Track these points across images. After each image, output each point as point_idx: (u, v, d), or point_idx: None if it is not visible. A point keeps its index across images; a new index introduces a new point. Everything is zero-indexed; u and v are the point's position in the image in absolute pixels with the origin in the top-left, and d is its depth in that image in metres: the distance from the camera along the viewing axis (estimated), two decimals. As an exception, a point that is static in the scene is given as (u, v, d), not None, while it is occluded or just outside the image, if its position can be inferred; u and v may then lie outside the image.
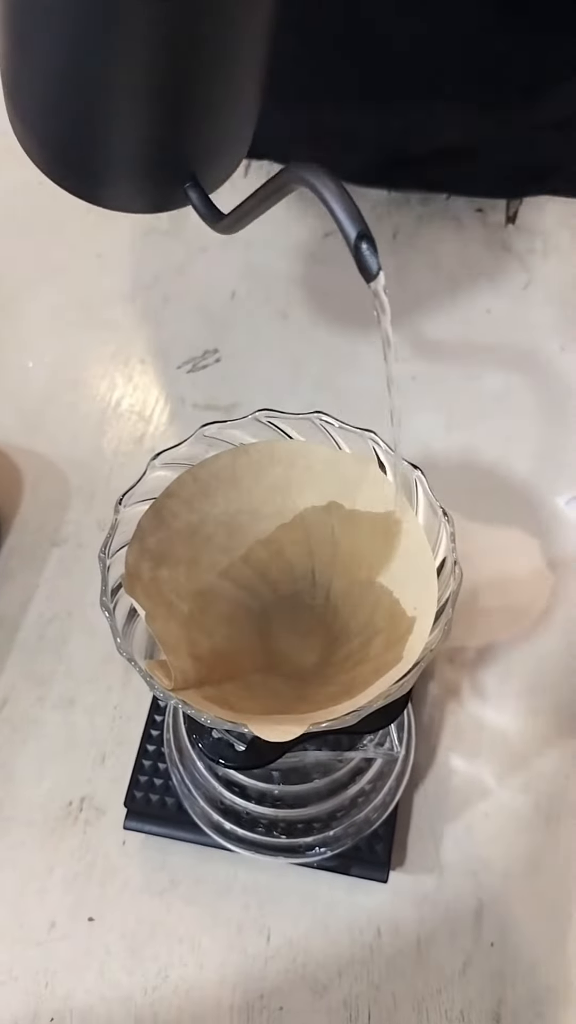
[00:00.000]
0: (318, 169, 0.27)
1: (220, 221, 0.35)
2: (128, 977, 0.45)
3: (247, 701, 0.31)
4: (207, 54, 0.32)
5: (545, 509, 0.57)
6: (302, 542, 0.36)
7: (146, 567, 0.32)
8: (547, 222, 0.69)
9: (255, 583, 0.36)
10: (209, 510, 0.34)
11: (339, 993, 0.44)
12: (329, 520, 0.35)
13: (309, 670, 0.36)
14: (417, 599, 0.32)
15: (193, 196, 0.37)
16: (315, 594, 0.37)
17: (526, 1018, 0.44)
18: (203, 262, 0.68)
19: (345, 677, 0.33)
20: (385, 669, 0.31)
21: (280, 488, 0.35)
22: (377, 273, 0.27)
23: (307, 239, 0.68)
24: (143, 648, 0.31)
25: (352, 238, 0.26)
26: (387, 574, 0.34)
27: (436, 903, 0.46)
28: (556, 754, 0.49)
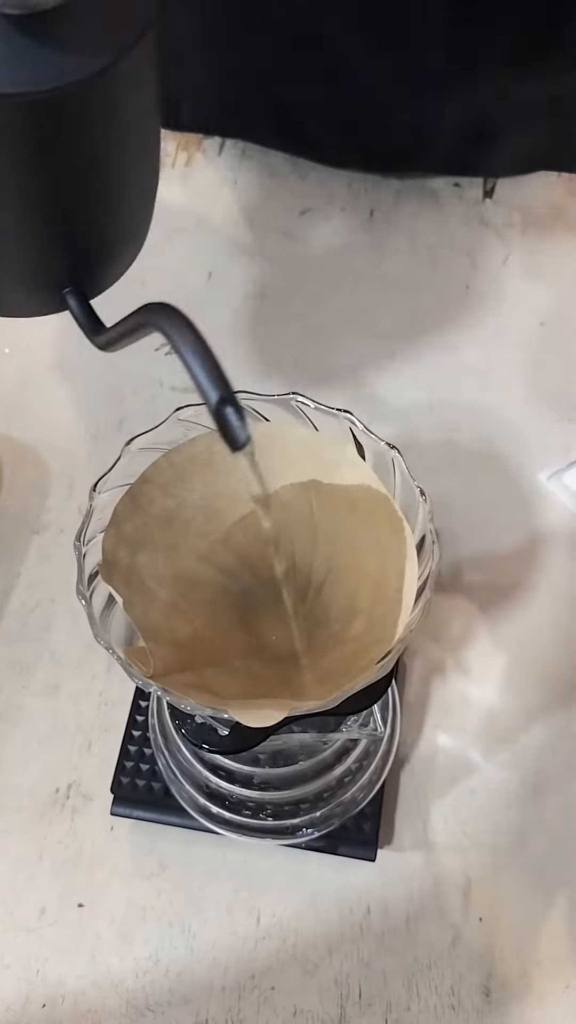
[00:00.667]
0: (177, 318, 0.23)
1: (98, 335, 0.33)
2: (119, 961, 0.45)
3: (229, 686, 0.31)
4: (75, 163, 0.30)
5: (527, 485, 0.57)
6: (281, 525, 0.36)
7: (123, 553, 0.32)
8: (525, 196, 0.68)
9: (236, 567, 0.36)
10: (186, 495, 0.34)
11: (330, 972, 0.45)
12: (307, 502, 0.35)
13: (291, 653, 0.35)
14: (396, 579, 0.32)
15: (72, 303, 0.34)
16: (296, 576, 0.37)
17: (516, 991, 0.44)
18: (179, 243, 0.67)
19: (327, 659, 0.32)
20: (366, 651, 0.31)
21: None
22: (246, 443, 0.23)
23: (283, 218, 0.67)
24: (122, 636, 0.30)
25: (213, 403, 0.23)
26: (366, 555, 0.34)
27: (424, 880, 0.46)
28: (541, 728, 0.50)
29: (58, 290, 0.33)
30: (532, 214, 0.67)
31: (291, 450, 0.35)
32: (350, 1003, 0.44)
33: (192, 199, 0.68)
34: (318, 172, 0.69)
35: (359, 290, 0.64)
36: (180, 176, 0.69)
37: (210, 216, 0.68)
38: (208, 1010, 0.44)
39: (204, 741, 0.34)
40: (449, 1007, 0.44)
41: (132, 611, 0.30)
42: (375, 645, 0.30)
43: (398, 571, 0.32)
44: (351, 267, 0.65)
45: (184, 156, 0.70)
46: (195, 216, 0.68)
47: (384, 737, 0.44)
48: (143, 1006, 0.44)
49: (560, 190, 0.68)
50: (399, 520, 0.32)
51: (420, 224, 0.67)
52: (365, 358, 0.61)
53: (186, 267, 0.66)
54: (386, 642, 0.30)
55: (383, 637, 0.31)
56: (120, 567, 0.31)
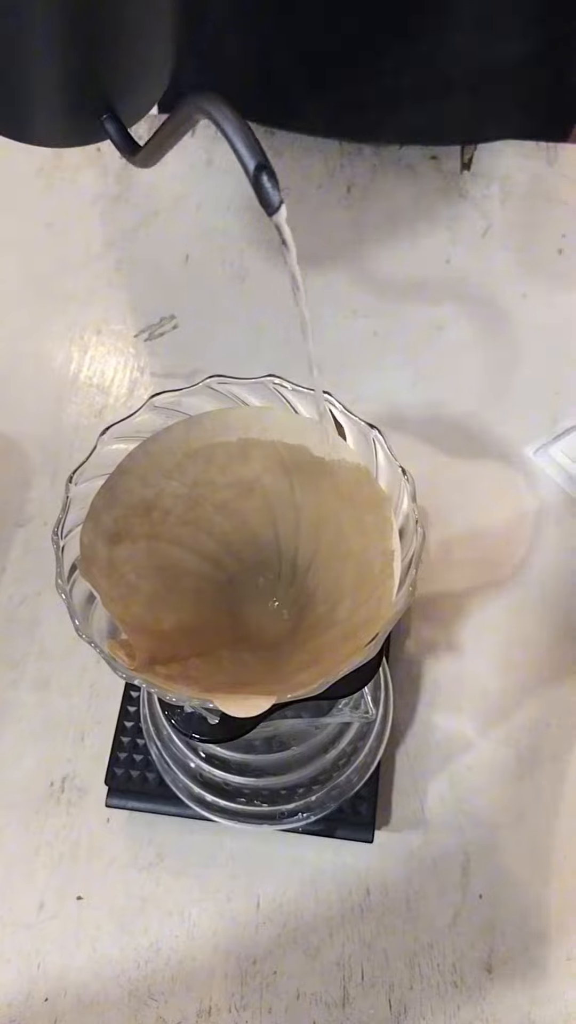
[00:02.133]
0: (217, 98, 0.25)
1: (136, 154, 0.35)
2: (120, 952, 0.45)
3: (215, 675, 0.31)
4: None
5: (515, 460, 0.56)
6: (264, 510, 0.35)
7: (102, 546, 0.31)
8: (503, 167, 0.67)
9: (220, 555, 0.36)
10: (164, 485, 0.33)
11: (332, 954, 0.45)
12: (289, 486, 0.35)
13: (279, 639, 0.35)
14: (381, 560, 0.31)
15: (110, 129, 0.36)
16: (281, 562, 0.36)
17: (518, 966, 0.44)
18: (155, 226, 0.66)
19: (313, 643, 0.32)
20: (353, 633, 0.30)
21: (236, 456, 0.34)
22: (279, 206, 0.26)
23: (260, 197, 0.66)
24: (105, 629, 0.30)
25: (251, 169, 0.25)
26: (351, 537, 0.33)
27: (423, 859, 0.46)
28: (535, 704, 0.49)
29: (96, 117, 0.36)
30: (511, 185, 0.66)
31: (270, 432, 0.34)
32: (353, 984, 0.44)
33: (166, 181, 0.67)
34: (293, 150, 0.68)
35: (338, 268, 0.64)
36: (153, 158, 0.68)
37: (185, 198, 0.67)
38: (211, 997, 0.44)
39: (194, 731, 0.34)
40: (452, 984, 0.44)
41: (113, 606, 0.30)
42: (363, 627, 0.30)
43: (382, 551, 0.32)
44: (329, 245, 0.64)
45: (157, 138, 0.69)
46: (170, 199, 0.67)
47: (376, 719, 0.44)
48: (146, 996, 0.44)
49: (539, 160, 0.67)
50: (382, 500, 0.32)
51: (398, 199, 0.66)
52: (347, 337, 0.61)
53: (162, 251, 0.65)
54: (373, 623, 0.30)
55: (370, 618, 0.30)
56: (99, 560, 0.31)
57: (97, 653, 0.28)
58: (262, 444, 0.34)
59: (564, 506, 0.54)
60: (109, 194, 0.67)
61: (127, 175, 0.68)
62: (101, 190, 0.67)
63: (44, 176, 0.68)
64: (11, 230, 0.66)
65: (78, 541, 0.30)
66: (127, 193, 0.67)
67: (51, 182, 0.68)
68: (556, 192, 0.66)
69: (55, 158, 0.68)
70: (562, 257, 0.63)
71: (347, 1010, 0.43)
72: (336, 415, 0.33)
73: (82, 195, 0.67)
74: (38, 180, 0.68)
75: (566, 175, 0.66)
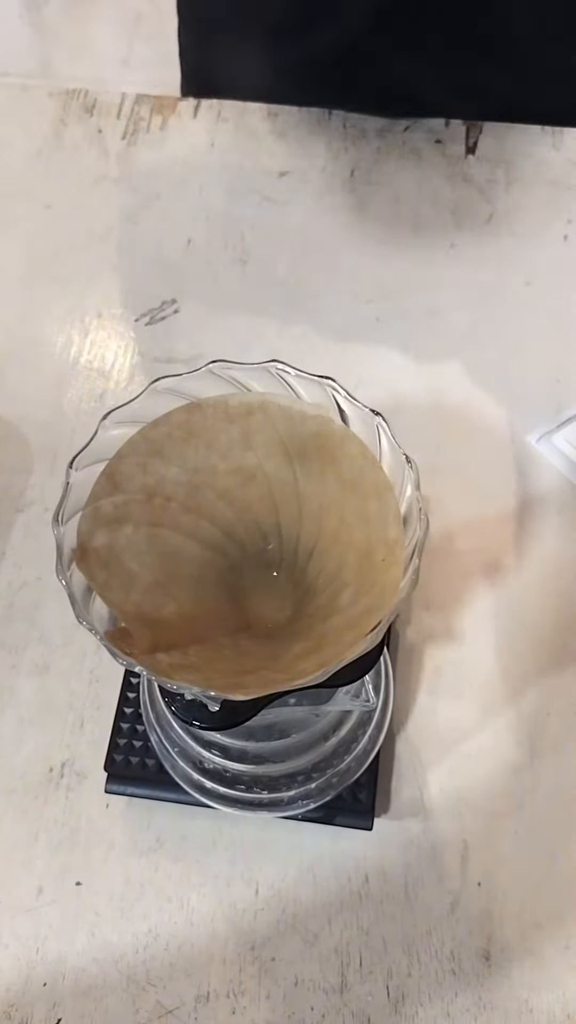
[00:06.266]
0: None
1: None
2: (119, 938, 0.45)
3: (216, 663, 0.30)
4: None
5: (516, 448, 0.56)
6: (266, 497, 0.35)
7: (101, 535, 0.31)
8: (508, 151, 0.67)
9: (222, 542, 0.35)
10: (165, 471, 0.33)
11: (330, 940, 0.45)
12: (291, 473, 0.34)
13: (279, 625, 0.35)
14: (384, 548, 0.31)
15: None
16: (283, 549, 0.36)
17: (515, 955, 0.44)
18: (156, 209, 0.65)
19: (315, 632, 0.32)
20: (355, 621, 0.30)
21: (238, 443, 0.34)
22: None
23: (262, 180, 0.66)
24: (106, 615, 0.30)
25: None
26: (353, 525, 0.33)
27: (422, 847, 0.46)
28: (535, 692, 0.49)
29: None
30: (516, 170, 0.66)
31: (273, 418, 0.34)
32: (351, 971, 0.44)
33: (168, 164, 0.67)
34: (297, 132, 0.68)
35: (341, 253, 0.63)
36: (155, 140, 0.68)
37: (187, 181, 0.66)
38: (209, 982, 0.44)
39: (194, 718, 0.34)
40: (450, 972, 0.44)
41: (111, 595, 0.29)
42: (365, 615, 0.30)
43: (385, 540, 0.31)
44: (333, 230, 0.64)
45: (159, 119, 0.68)
46: (171, 181, 0.66)
47: (376, 707, 0.44)
48: (144, 981, 0.44)
49: (544, 144, 0.67)
50: (386, 487, 0.31)
51: (402, 183, 0.66)
52: (349, 322, 0.60)
53: (164, 234, 0.64)
54: (376, 612, 0.30)
55: (372, 607, 0.30)
56: (98, 549, 0.30)
57: (97, 640, 0.28)
58: (264, 430, 0.34)
59: (566, 494, 0.54)
60: (110, 176, 0.66)
61: (128, 157, 0.67)
62: (102, 172, 0.66)
63: (44, 157, 0.67)
64: (10, 212, 0.66)
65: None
66: (128, 175, 0.66)
67: (51, 163, 0.67)
68: (562, 177, 0.65)
69: (55, 139, 0.68)
70: (567, 243, 0.63)
71: (345, 996, 0.43)
72: (340, 402, 0.33)
73: (83, 177, 0.66)
74: (38, 161, 0.67)
75: (572, 160, 0.66)
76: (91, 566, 0.30)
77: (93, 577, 0.29)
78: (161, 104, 0.69)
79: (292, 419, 0.34)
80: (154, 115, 0.69)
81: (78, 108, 0.69)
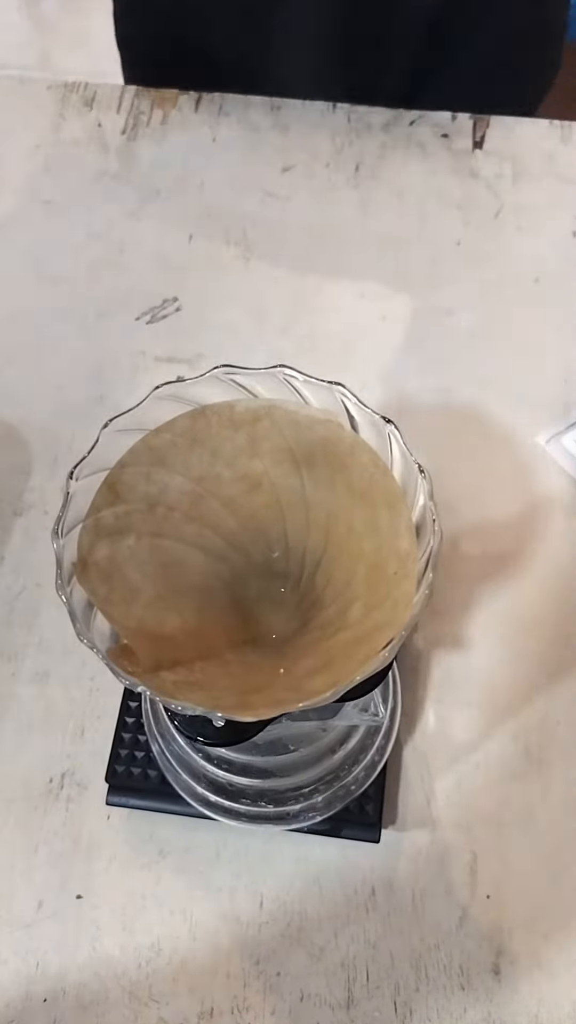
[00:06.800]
0: None
1: None
2: (121, 952, 0.44)
3: (222, 679, 0.29)
4: None
5: (524, 449, 0.55)
6: (272, 505, 0.34)
7: (102, 547, 0.30)
8: (516, 145, 0.65)
9: (226, 551, 0.34)
10: (168, 480, 0.32)
11: (336, 955, 0.44)
12: (299, 480, 0.33)
13: (287, 639, 0.34)
14: (395, 561, 0.30)
15: None
16: (289, 559, 0.35)
17: (525, 969, 0.43)
18: (157, 205, 0.64)
19: (324, 647, 0.31)
20: (366, 638, 0.29)
21: (244, 450, 0.33)
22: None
23: (265, 175, 0.65)
24: (107, 631, 0.29)
25: None
26: (363, 536, 0.32)
27: (430, 858, 0.45)
28: (545, 699, 0.48)
29: None
30: (524, 164, 0.65)
31: (280, 425, 0.33)
32: (357, 986, 0.43)
33: (169, 159, 0.65)
34: (300, 126, 0.66)
35: (346, 250, 0.62)
36: (156, 135, 0.66)
37: (188, 176, 0.65)
38: (213, 998, 0.43)
39: (199, 733, 0.33)
40: (458, 987, 0.43)
41: (113, 610, 0.28)
42: (376, 631, 0.29)
43: (396, 552, 0.30)
44: (337, 226, 0.63)
45: (159, 114, 0.67)
46: (173, 177, 0.65)
47: (384, 722, 0.43)
48: (147, 997, 0.43)
49: (552, 139, 0.65)
50: (397, 497, 0.30)
51: (408, 178, 0.64)
52: (354, 321, 0.59)
53: (165, 230, 0.63)
54: (388, 628, 0.29)
55: (384, 622, 0.29)
56: (99, 562, 0.29)
57: (99, 659, 0.27)
58: (271, 437, 0.33)
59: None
60: (110, 171, 0.65)
61: (128, 152, 0.66)
62: (102, 167, 0.65)
63: (42, 153, 0.66)
64: (9, 208, 0.65)
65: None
66: (128, 171, 0.65)
67: (50, 159, 0.66)
68: (570, 172, 0.64)
69: (53, 133, 0.67)
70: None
71: (352, 1012, 0.43)
72: (349, 407, 0.32)
73: (82, 172, 0.65)
74: (36, 156, 0.66)
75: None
76: (92, 580, 0.29)
77: (94, 592, 0.28)
78: (162, 98, 0.68)
79: (300, 425, 0.32)
80: (155, 109, 0.67)
81: (77, 102, 0.68)
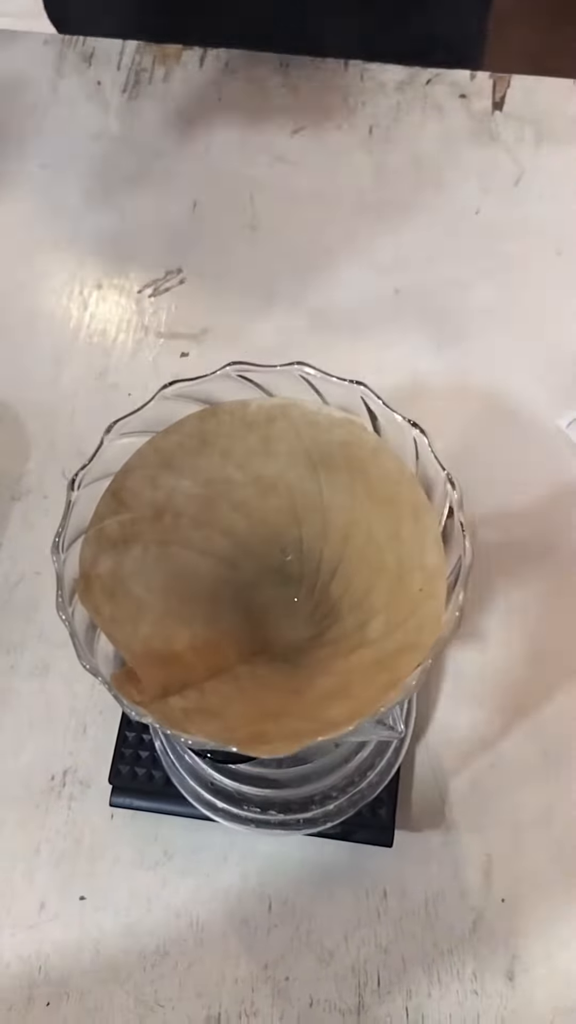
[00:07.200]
0: None
1: None
2: (125, 956, 0.43)
3: (235, 703, 0.27)
4: None
5: (545, 433, 0.52)
6: (287, 509, 0.32)
7: (106, 559, 0.28)
8: (539, 107, 0.62)
9: (237, 556, 0.32)
10: (176, 484, 0.30)
11: (347, 959, 0.43)
12: (316, 484, 0.31)
13: (301, 649, 0.32)
14: (420, 576, 0.28)
15: None
16: (304, 564, 0.33)
17: (540, 975, 0.42)
18: (160, 170, 0.61)
19: (342, 665, 0.29)
20: (388, 661, 0.27)
21: (257, 451, 0.31)
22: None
23: (274, 138, 0.61)
24: (111, 654, 0.27)
25: None
26: (384, 545, 0.30)
27: (443, 861, 0.44)
28: (563, 697, 0.47)
29: None
30: (547, 127, 0.61)
31: (297, 425, 0.30)
32: (368, 991, 0.42)
33: (172, 119, 0.62)
34: (310, 86, 0.63)
35: (358, 218, 0.59)
36: (158, 93, 0.63)
37: (192, 138, 0.61)
38: (220, 1003, 0.42)
39: (208, 750, 0.31)
40: (471, 992, 0.42)
41: (118, 630, 0.26)
42: (399, 655, 0.27)
43: (421, 566, 0.28)
44: (349, 192, 0.60)
45: (161, 70, 0.64)
46: (175, 139, 0.61)
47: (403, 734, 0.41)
48: (152, 1001, 0.42)
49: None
50: (424, 508, 0.28)
51: (424, 142, 0.61)
52: (366, 295, 0.56)
53: (167, 197, 0.60)
54: (412, 652, 0.27)
55: (408, 645, 0.27)
56: (102, 576, 0.27)
57: (104, 688, 0.25)
58: (287, 438, 0.30)
59: (598, 484, 0.51)
60: (109, 132, 0.62)
61: (130, 112, 0.62)
62: (101, 128, 0.62)
63: (39, 112, 0.63)
64: (2, 171, 0.61)
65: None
66: (130, 132, 0.62)
67: (46, 119, 0.62)
68: (596, 136, 0.61)
69: (50, 92, 0.63)
70: (601, 209, 0.59)
71: (362, 1018, 0.42)
72: (372, 407, 0.29)
73: (80, 134, 0.62)
74: (32, 116, 0.63)
75: (606, 117, 0.61)
76: (96, 597, 0.27)
77: (98, 611, 0.26)
78: (164, 54, 0.64)
79: (318, 426, 0.30)
80: (156, 66, 0.64)
81: (75, 57, 0.64)
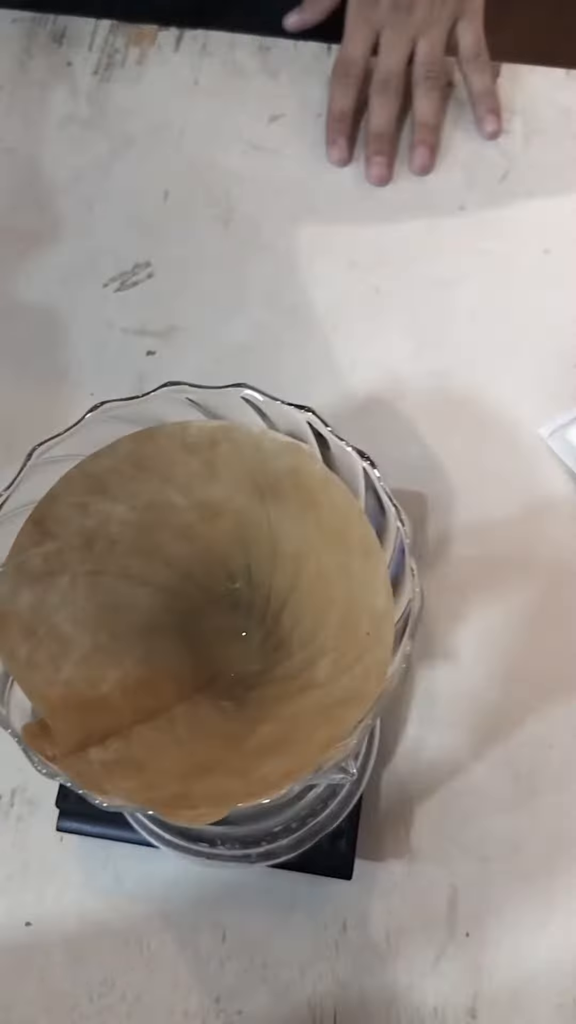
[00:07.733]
0: None
1: None
2: (71, 985, 0.41)
3: (162, 754, 0.25)
4: None
5: (525, 443, 0.50)
6: (233, 535, 0.30)
7: (26, 595, 0.25)
8: (527, 98, 0.59)
9: (180, 584, 0.30)
10: (109, 510, 0.27)
11: (302, 993, 0.41)
12: (264, 511, 0.29)
13: (248, 684, 0.30)
14: (368, 619, 0.26)
15: None
16: (253, 592, 0.31)
17: (504, 1013, 0.41)
18: (130, 157, 0.58)
19: (287, 710, 0.27)
20: (330, 712, 0.25)
21: (201, 476, 0.28)
22: None
23: (251, 125, 0.59)
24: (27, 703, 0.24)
25: None
26: (334, 580, 0.28)
27: (406, 892, 0.42)
28: (537, 722, 0.45)
29: None
30: (535, 120, 0.59)
31: (242, 449, 0.28)
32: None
33: (145, 104, 0.59)
34: (291, 70, 0.60)
35: (337, 213, 0.56)
36: (131, 76, 0.60)
37: (166, 124, 0.59)
38: (169, 1038, 0.40)
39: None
40: (432, 1031, 0.40)
41: (35, 675, 0.24)
42: (341, 706, 0.25)
43: (370, 607, 0.26)
44: (328, 185, 0.57)
45: (136, 52, 0.61)
46: (148, 124, 0.59)
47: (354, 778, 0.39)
48: (98, 1035, 0.40)
49: (569, 91, 0.59)
50: (374, 546, 0.26)
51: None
52: (344, 294, 0.54)
53: (138, 186, 0.57)
54: (355, 703, 0.25)
55: (351, 695, 0.25)
56: (21, 613, 0.25)
57: (15, 743, 0.23)
58: (231, 463, 0.28)
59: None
60: (79, 117, 0.59)
61: (101, 96, 0.59)
62: (70, 112, 0.59)
63: (5, 94, 0.60)
64: (-33, 155, 0.59)
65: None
66: (100, 117, 0.59)
67: (13, 101, 0.60)
68: (587, 130, 0.58)
69: (19, 72, 0.60)
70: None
71: (317, 1056, 0.40)
72: (321, 431, 0.27)
73: (48, 118, 0.59)
74: (-1, 98, 0.60)
75: (599, 109, 0.59)
76: (12, 638, 0.25)
77: (12, 655, 0.24)
78: (139, 35, 0.61)
79: (264, 451, 0.28)
80: (130, 47, 0.61)
81: (45, 37, 0.61)
